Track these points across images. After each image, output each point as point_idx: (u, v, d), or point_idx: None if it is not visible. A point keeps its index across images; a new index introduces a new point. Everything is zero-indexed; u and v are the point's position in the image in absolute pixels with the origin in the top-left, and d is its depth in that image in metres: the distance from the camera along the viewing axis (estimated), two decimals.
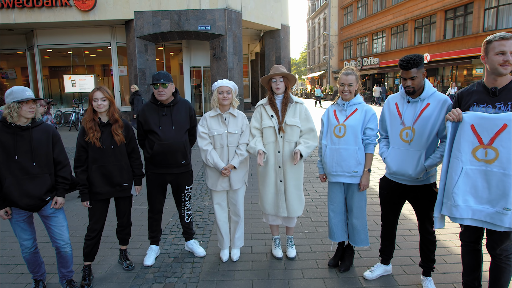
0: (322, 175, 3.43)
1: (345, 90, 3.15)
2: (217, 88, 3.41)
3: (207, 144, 3.41)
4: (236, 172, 3.44)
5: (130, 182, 3.33)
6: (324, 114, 3.36)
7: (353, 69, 3.20)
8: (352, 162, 3.13)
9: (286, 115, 3.32)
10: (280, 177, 3.37)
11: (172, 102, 3.41)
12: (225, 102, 3.37)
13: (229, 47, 14.38)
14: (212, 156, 3.37)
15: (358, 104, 3.19)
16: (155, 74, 3.34)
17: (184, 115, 3.46)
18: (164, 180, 3.48)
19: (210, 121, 3.44)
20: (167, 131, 3.34)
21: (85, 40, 15.56)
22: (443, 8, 25.01)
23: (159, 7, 13.98)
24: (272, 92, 3.42)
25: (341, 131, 3.15)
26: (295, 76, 3.42)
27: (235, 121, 3.45)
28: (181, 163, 3.43)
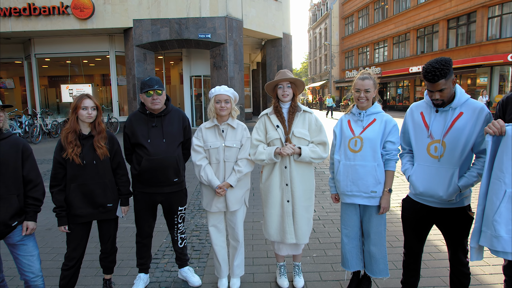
0: (334, 194, 3.01)
1: (361, 97, 2.75)
2: (214, 96, 3.02)
3: (201, 158, 3.01)
4: (233, 191, 3.03)
5: (115, 202, 2.91)
6: (337, 126, 2.95)
7: (369, 73, 2.81)
8: (370, 180, 2.71)
9: (293, 125, 2.93)
10: (288, 197, 2.95)
11: (163, 112, 3.02)
12: (222, 112, 2.98)
13: (229, 55, 14.08)
14: (206, 172, 2.96)
15: (376, 113, 2.79)
16: (146, 80, 2.95)
17: (177, 126, 3.06)
18: (154, 200, 3.06)
19: (205, 133, 3.04)
20: (157, 145, 2.93)
21: (83, 49, 15.28)
22: (446, 18, 24.88)
23: (158, 15, 13.72)
24: (278, 100, 3.02)
25: (357, 145, 2.74)
26: (304, 82, 3.03)
27: (233, 134, 3.05)
28: (173, 181, 3.02)
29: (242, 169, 3.00)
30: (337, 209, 5.33)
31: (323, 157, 2.90)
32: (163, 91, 3.00)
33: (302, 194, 2.95)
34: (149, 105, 2.94)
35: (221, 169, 3.00)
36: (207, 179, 2.97)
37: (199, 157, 3.02)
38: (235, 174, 2.99)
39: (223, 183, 2.97)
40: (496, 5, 21.42)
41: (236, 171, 2.99)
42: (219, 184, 2.96)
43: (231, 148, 3.01)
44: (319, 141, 2.94)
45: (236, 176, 2.98)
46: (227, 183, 2.97)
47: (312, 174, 3.04)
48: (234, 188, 3.01)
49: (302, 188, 2.94)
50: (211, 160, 3.02)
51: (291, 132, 2.91)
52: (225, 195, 2.99)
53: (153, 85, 2.91)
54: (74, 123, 2.74)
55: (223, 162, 3.00)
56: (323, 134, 2.96)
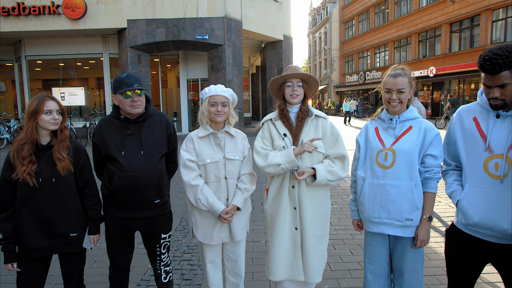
0: (356, 220, 2.41)
1: (393, 100, 2.16)
2: (208, 98, 2.43)
3: (196, 177, 2.40)
4: (240, 216, 2.44)
5: (81, 231, 2.31)
6: (361, 134, 2.35)
7: (403, 68, 2.22)
8: (404, 205, 2.11)
9: (303, 134, 2.33)
10: (296, 223, 2.35)
11: (142, 117, 2.41)
12: (218, 118, 2.39)
13: (228, 58, 13.51)
14: (206, 194, 2.36)
15: (412, 119, 2.19)
16: (122, 77, 2.34)
17: (159, 134, 2.46)
18: (130, 227, 2.45)
19: (199, 144, 2.44)
20: (133, 158, 2.33)
21: (76, 50, 14.69)
22: (448, 21, 24.43)
23: (153, 16, 13.16)
24: (285, 102, 2.43)
25: (388, 160, 2.14)
26: (318, 81, 2.44)
27: (233, 143, 2.46)
28: (154, 203, 2.41)
29: (249, 186, 2.44)
30: (347, 226, 4.73)
31: (341, 177, 2.30)
32: (144, 92, 2.41)
33: (314, 220, 2.34)
34: (126, 109, 2.34)
35: (222, 188, 2.40)
36: (207, 203, 2.35)
37: (192, 175, 2.39)
38: (241, 193, 2.41)
39: (229, 206, 2.38)
40: (500, 8, 20.98)
41: (243, 190, 2.41)
42: (224, 207, 2.36)
43: (234, 161, 2.42)
44: (336, 154, 2.34)
45: (243, 196, 2.41)
46: (234, 205, 2.38)
47: (327, 195, 2.43)
48: (240, 211, 2.43)
49: (313, 213, 2.34)
50: (208, 177, 2.42)
51: (299, 143, 2.31)
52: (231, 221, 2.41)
53: (132, 84, 2.31)
54: (31, 132, 2.14)
55: (224, 180, 2.40)
56: (341, 146, 2.35)
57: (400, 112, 2.20)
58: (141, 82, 2.38)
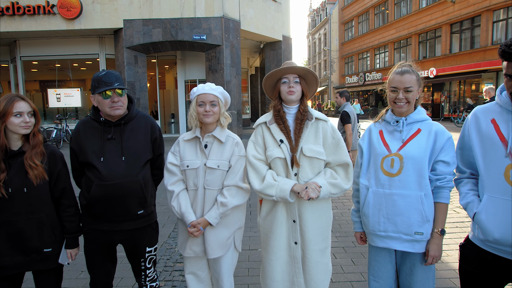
0: (359, 233, 2.19)
1: (399, 99, 1.94)
2: (196, 97, 2.23)
3: (175, 182, 2.22)
4: (215, 231, 2.22)
5: (56, 245, 2.10)
6: (363, 138, 2.14)
7: (411, 65, 2.01)
8: (413, 217, 1.90)
9: (302, 140, 2.10)
10: (296, 237, 2.12)
11: (125, 119, 2.20)
12: (207, 119, 2.18)
13: (226, 58, 13.29)
14: (180, 202, 2.18)
15: (421, 121, 1.98)
16: (101, 75, 2.12)
17: (143, 138, 2.24)
18: (111, 241, 2.22)
19: (184, 147, 2.25)
20: (113, 165, 2.11)
21: (72, 51, 14.46)
22: (449, 22, 24.29)
23: (150, 15, 12.94)
24: (281, 101, 2.21)
25: (395, 166, 1.93)
26: (317, 78, 2.22)
27: (220, 150, 2.24)
28: (137, 214, 2.19)
29: (228, 200, 2.18)
30: (348, 232, 4.51)
31: (345, 189, 2.07)
32: (125, 91, 2.20)
33: (316, 234, 2.12)
34: (106, 111, 2.12)
35: (199, 198, 2.20)
36: (179, 211, 2.18)
37: (172, 179, 2.23)
38: (217, 207, 2.18)
39: (199, 219, 2.17)
40: (501, 8, 20.82)
41: (219, 204, 2.17)
42: (193, 220, 2.16)
43: (215, 170, 2.20)
44: (338, 162, 2.12)
45: (218, 211, 2.17)
46: (204, 220, 2.17)
47: (329, 205, 2.21)
48: (215, 227, 2.20)
49: (315, 225, 2.12)
50: (188, 185, 2.23)
51: (298, 150, 2.09)
52: (203, 236, 2.20)
53: (112, 83, 2.09)
54: (1, 136, 1.94)
55: (202, 189, 2.20)
56: (343, 152, 2.12)
57: (407, 113, 1.99)
58: (122, 81, 2.17)
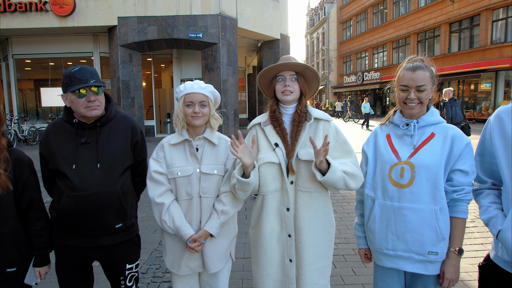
0: (363, 250, 1.95)
1: (410, 99, 1.71)
2: (183, 96, 1.99)
3: (163, 193, 1.96)
4: (215, 242, 1.98)
5: (22, 264, 1.85)
6: (368, 143, 1.90)
7: (423, 60, 1.78)
8: (427, 234, 1.66)
9: (299, 143, 1.85)
10: (291, 254, 1.88)
11: (101, 121, 1.96)
12: (196, 121, 1.95)
13: (222, 57, 13.04)
14: (172, 215, 1.91)
15: (435, 125, 1.74)
16: (74, 71, 1.87)
17: (122, 142, 2.00)
18: (85, 258, 1.97)
19: (171, 152, 2.00)
20: (87, 173, 1.86)
21: (65, 49, 14.16)
22: (448, 21, 24.12)
23: (145, 13, 12.67)
24: (277, 101, 1.98)
25: (405, 176, 1.69)
26: (318, 74, 1.97)
27: (214, 153, 2.00)
28: (115, 228, 1.95)
29: (228, 208, 1.95)
30: (349, 238, 4.28)
31: (360, 176, 1.79)
32: (102, 89, 1.96)
33: (315, 251, 1.88)
34: (81, 111, 1.88)
35: (194, 208, 1.95)
36: (173, 227, 1.92)
37: (159, 190, 1.96)
38: (217, 216, 1.94)
39: (199, 232, 1.93)
40: (500, 7, 20.66)
41: (219, 212, 1.94)
42: (193, 234, 1.91)
43: (211, 176, 1.96)
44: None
45: (219, 220, 1.94)
46: (205, 231, 1.92)
47: (331, 218, 1.97)
48: (216, 238, 1.97)
49: (314, 241, 1.87)
50: (178, 194, 1.97)
51: (294, 155, 1.84)
52: (201, 250, 1.96)
53: (87, 79, 1.85)
54: None
55: (197, 198, 1.95)
56: (349, 155, 1.87)
57: (419, 115, 1.75)
58: (98, 77, 1.93)
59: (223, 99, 13.20)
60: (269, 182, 1.87)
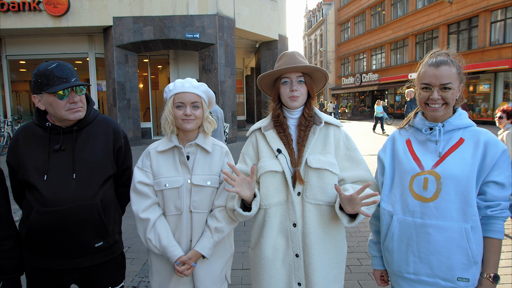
0: (379, 271, 1.72)
1: (434, 100, 1.48)
2: (172, 97, 1.76)
3: (148, 207, 1.72)
4: (207, 265, 1.75)
5: None
6: (385, 150, 1.67)
7: (448, 53, 1.55)
8: (456, 257, 1.43)
9: (307, 149, 1.63)
10: (299, 277, 1.64)
11: (78, 124, 1.72)
12: (188, 125, 1.72)
13: (220, 57, 12.79)
14: (158, 232, 1.68)
15: (465, 128, 1.52)
16: (51, 67, 1.63)
17: (103, 148, 1.76)
18: (61, 281, 1.73)
19: (158, 160, 1.76)
20: (61, 185, 1.62)
21: (60, 50, 13.86)
22: (446, 22, 24.05)
23: (141, 13, 12.42)
24: (281, 105, 1.75)
25: (430, 189, 1.46)
26: (326, 73, 1.74)
27: (207, 162, 1.78)
28: (94, 247, 1.71)
29: (223, 225, 1.72)
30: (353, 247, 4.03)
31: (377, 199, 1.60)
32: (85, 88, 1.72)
33: (326, 273, 1.65)
34: (62, 115, 1.63)
35: (184, 225, 1.72)
36: (159, 246, 1.68)
37: (144, 203, 1.72)
38: (210, 234, 1.71)
39: (188, 253, 1.69)
40: (499, 9, 20.58)
41: (213, 230, 1.71)
42: (181, 255, 1.67)
43: (203, 188, 1.73)
44: (356, 178, 1.65)
45: (212, 239, 1.71)
46: (196, 252, 1.69)
47: (343, 234, 1.74)
48: (208, 260, 1.73)
49: (325, 262, 1.64)
50: (166, 208, 1.74)
51: (302, 162, 1.62)
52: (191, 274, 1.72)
53: (68, 78, 1.62)
54: None
55: (188, 213, 1.72)
56: (362, 167, 1.66)
57: (445, 118, 1.53)
58: (77, 75, 1.69)
59: (220, 101, 12.94)
60: (271, 194, 1.64)
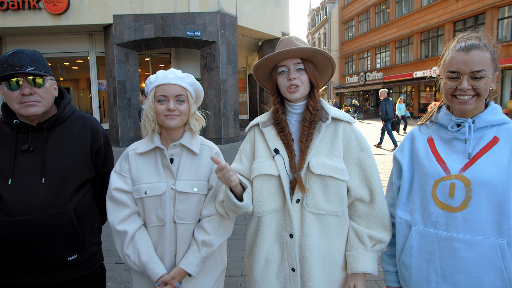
0: None
1: (463, 90, 1.25)
2: (154, 89, 1.53)
3: (126, 217, 1.51)
4: (196, 282, 1.54)
5: None
6: (403, 149, 1.45)
7: (479, 37, 1.32)
8: (488, 277, 1.21)
9: (311, 150, 1.40)
10: None
11: (50, 122, 1.51)
12: (171, 122, 1.49)
13: (222, 55, 12.58)
14: (138, 246, 1.46)
15: (499, 126, 1.28)
16: (7, 54, 1.42)
17: (79, 149, 1.55)
18: None
19: (137, 164, 1.54)
20: (28, 191, 1.41)
21: (61, 49, 13.72)
22: (452, 20, 23.69)
23: (141, 11, 12.23)
24: (281, 99, 1.53)
25: (457, 196, 1.23)
26: (332, 58, 1.51)
27: (194, 165, 1.55)
28: (67, 261, 1.50)
29: (212, 238, 1.50)
30: None
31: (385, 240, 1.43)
32: (49, 81, 1.50)
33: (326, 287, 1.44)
34: (14, 108, 1.43)
35: (167, 238, 1.49)
36: (139, 263, 1.46)
37: (122, 213, 1.50)
38: (197, 249, 1.49)
39: (172, 271, 1.48)
40: (506, 5, 20.23)
41: (200, 244, 1.49)
42: (164, 273, 1.46)
43: (189, 195, 1.51)
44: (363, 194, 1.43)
45: (199, 254, 1.49)
46: (180, 270, 1.47)
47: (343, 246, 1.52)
48: (196, 277, 1.51)
49: (327, 278, 1.43)
50: (147, 219, 1.52)
51: (304, 166, 1.39)
52: None
53: (23, 66, 1.40)
54: None
55: (171, 224, 1.50)
56: (373, 176, 1.43)
57: (475, 113, 1.30)
58: (42, 64, 1.47)
59: (222, 100, 12.72)
60: (266, 200, 1.42)
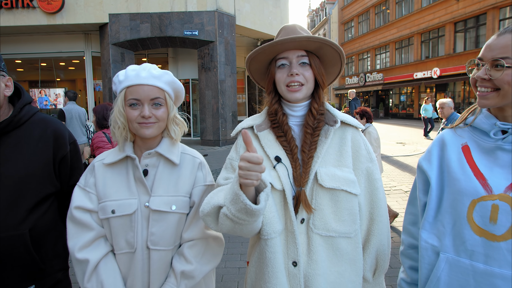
0: None
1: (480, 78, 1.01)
2: (123, 90, 1.26)
3: (90, 242, 1.24)
4: None
5: None
6: (430, 158, 1.18)
7: None
8: None
9: (319, 159, 1.15)
10: None
11: (2, 126, 1.26)
12: (146, 131, 1.23)
13: (220, 55, 12.33)
14: (101, 279, 1.19)
15: None
16: None
17: (37, 157, 1.30)
18: None
19: (105, 177, 1.27)
20: None
21: (56, 49, 13.45)
22: (452, 20, 23.53)
23: (138, 9, 11.98)
24: (279, 98, 1.29)
25: (501, 222, 0.97)
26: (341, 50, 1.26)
27: (173, 178, 1.29)
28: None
29: (195, 267, 1.23)
30: None
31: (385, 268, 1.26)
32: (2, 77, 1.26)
33: None
34: None
35: (139, 268, 1.23)
36: None
37: (83, 238, 1.23)
38: (175, 282, 1.23)
39: None
40: (507, 6, 20.07)
41: (179, 275, 1.22)
42: None
43: (166, 215, 1.25)
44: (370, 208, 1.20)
45: None
46: None
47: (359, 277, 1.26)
48: None
49: None
50: (115, 244, 1.25)
51: (310, 178, 1.14)
52: None
53: None
54: None
55: (144, 250, 1.23)
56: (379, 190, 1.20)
57: None
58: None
59: (220, 101, 12.47)
60: (276, 218, 1.16)
